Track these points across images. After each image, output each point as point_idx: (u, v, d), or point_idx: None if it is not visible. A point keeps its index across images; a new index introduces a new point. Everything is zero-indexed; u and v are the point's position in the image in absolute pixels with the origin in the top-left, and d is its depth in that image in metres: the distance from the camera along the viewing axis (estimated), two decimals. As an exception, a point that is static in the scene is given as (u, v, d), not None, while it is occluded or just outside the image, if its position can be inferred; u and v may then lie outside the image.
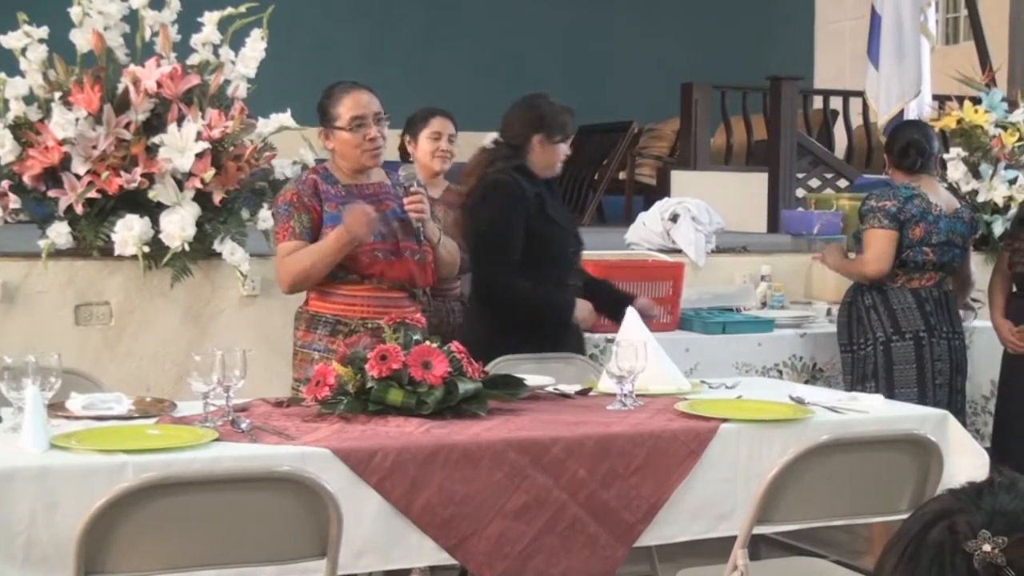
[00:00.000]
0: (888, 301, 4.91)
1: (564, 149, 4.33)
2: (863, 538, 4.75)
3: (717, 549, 3.18)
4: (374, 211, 3.79)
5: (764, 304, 5.67)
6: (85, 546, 2.42)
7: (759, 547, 3.79)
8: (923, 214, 4.87)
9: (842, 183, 9.12)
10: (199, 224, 4.71)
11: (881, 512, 3.16)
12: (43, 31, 4.78)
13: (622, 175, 10.29)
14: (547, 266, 4.22)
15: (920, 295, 4.91)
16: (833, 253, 5.20)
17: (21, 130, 4.69)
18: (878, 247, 4.86)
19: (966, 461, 3.33)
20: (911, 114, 6.40)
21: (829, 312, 5.47)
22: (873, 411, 3.45)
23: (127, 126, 4.67)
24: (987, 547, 1.22)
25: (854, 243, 5.16)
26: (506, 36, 12.00)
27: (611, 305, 4.27)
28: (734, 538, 3.00)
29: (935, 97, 7.07)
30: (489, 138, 4.50)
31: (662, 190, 9.19)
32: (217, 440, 2.85)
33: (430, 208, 3.99)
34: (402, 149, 4.96)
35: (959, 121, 6.37)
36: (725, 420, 3.22)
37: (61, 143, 4.62)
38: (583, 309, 4.28)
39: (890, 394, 4.53)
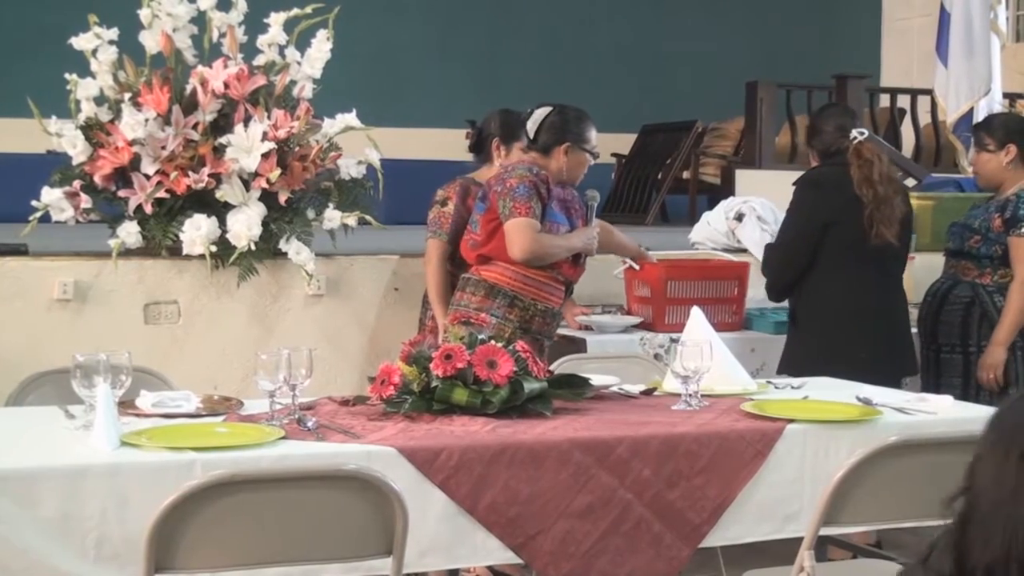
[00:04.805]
0: None
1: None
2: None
3: (784, 551, 3.16)
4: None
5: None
6: (155, 543, 2.44)
7: (825, 549, 3.75)
8: None
9: (910, 182, 9.01)
10: (265, 224, 4.75)
11: (950, 515, 3.12)
12: (113, 33, 4.84)
13: (686, 174, 10.22)
14: None
15: None
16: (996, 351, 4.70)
17: (92, 131, 4.76)
18: None
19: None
20: (981, 112, 6.30)
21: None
22: (942, 412, 3.41)
23: (195, 127, 4.72)
24: None
25: (967, 235, 4.88)
26: (571, 36, 11.99)
27: None
28: (800, 540, 2.97)
29: (1005, 95, 6.99)
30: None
31: (726, 189, 9.13)
32: (284, 438, 2.87)
33: None
34: (475, 148, 4.81)
35: (1030, 119, 6.26)
36: (791, 421, 3.20)
37: (131, 143, 4.67)
38: None
39: None
